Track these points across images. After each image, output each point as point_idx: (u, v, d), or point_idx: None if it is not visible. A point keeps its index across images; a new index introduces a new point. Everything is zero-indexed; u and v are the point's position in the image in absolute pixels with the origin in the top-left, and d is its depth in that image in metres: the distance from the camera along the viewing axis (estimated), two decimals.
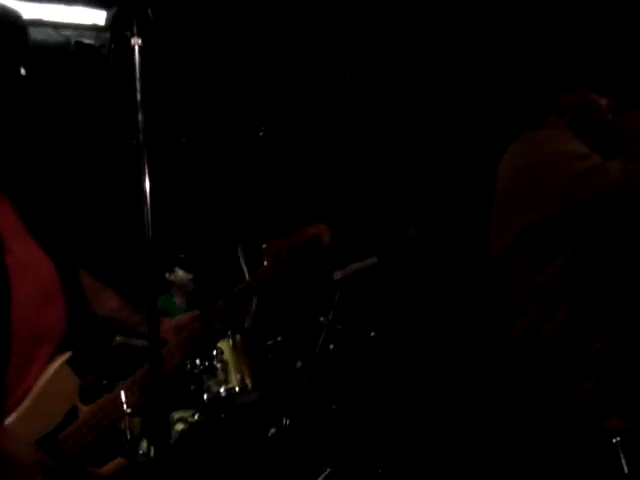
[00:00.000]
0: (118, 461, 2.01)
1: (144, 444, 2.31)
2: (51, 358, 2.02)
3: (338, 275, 4.51)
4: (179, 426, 4.19)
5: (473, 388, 4.35)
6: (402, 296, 4.78)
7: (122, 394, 1.94)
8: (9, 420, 1.94)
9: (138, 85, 1.45)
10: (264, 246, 2.42)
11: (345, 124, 4.96)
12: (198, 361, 4.05)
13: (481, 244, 2.73)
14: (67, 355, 2.03)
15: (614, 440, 2.26)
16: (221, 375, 4.11)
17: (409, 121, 5.01)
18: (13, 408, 1.95)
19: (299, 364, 4.47)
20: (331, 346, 4.37)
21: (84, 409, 2.01)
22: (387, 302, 4.84)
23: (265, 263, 2.41)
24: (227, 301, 2.38)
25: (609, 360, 2.38)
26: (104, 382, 2.18)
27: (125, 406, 1.92)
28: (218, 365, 4.10)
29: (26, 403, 1.97)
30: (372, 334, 4.56)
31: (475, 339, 4.21)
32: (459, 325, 4.63)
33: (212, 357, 4.08)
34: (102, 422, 1.99)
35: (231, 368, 4.14)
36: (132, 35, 1.49)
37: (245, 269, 4.38)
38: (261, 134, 4.95)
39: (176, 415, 4.24)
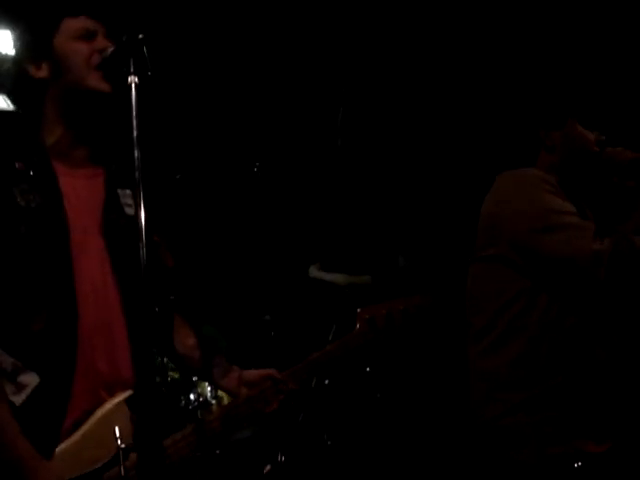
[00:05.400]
0: None
1: None
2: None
3: (314, 272, 4.37)
4: None
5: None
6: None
7: (116, 429, 1.87)
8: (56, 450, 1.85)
9: (135, 122, 1.47)
10: (358, 310, 2.30)
11: (338, 159, 5.00)
12: (192, 396, 4.03)
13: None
14: (127, 394, 1.96)
15: (575, 465, 2.24)
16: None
17: (400, 155, 5.06)
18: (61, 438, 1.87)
19: None
20: (326, 381, 4.35)
21: None
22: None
23: (358, 326, 2.29)
24: (304, 368, 2.27)
25: (568, 392, 2.37)
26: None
27: (119, 441, 1.87)
28: (213, 401, 4.07)
29: (74, 437, 1.88)
30: (367, 369, 4.54)
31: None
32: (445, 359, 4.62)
33: (206, 393, 4.06)
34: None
35: (226, 403, 4.11)
36: (129, 73, 1.51)
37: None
38: (255, 170, 4.97)
39: None
